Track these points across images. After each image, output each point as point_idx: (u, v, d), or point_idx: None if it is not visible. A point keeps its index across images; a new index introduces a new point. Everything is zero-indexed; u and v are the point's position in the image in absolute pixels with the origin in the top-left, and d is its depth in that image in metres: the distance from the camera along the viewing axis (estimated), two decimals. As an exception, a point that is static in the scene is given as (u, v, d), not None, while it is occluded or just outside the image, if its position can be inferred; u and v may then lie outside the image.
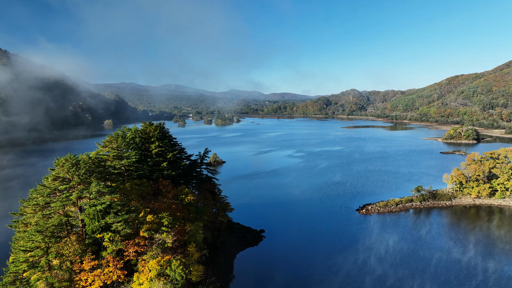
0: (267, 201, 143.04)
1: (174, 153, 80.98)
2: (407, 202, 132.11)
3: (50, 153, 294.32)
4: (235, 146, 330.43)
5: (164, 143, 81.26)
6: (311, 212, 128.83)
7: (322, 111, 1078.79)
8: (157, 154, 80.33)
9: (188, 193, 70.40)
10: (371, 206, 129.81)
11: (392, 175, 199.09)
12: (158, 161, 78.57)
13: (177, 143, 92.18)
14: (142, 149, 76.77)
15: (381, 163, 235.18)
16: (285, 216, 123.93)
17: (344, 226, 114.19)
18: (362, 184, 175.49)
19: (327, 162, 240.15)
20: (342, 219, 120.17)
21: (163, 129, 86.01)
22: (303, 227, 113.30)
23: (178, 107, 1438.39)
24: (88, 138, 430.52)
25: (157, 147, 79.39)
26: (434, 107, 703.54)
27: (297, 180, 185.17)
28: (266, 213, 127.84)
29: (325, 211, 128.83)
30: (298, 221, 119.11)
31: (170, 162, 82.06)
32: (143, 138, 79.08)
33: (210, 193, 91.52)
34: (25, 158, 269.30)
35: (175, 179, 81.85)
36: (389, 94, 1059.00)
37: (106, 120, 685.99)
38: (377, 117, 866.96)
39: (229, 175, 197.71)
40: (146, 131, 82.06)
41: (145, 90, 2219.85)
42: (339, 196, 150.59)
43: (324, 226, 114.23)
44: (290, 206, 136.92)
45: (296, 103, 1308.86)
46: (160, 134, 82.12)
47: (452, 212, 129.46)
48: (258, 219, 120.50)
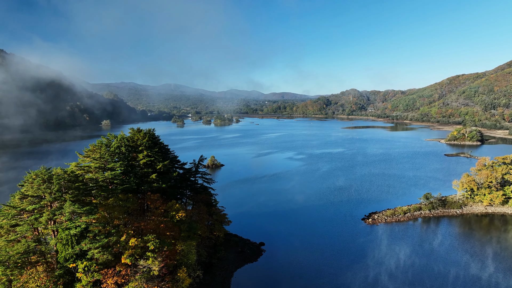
0: (267, 209, 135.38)
1: (165, 163, 73.18)
2: (415, 211, 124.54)
3: (46, 155, 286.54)
4: (234, 148, 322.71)
5: (154, 152, 73.51)
6: (314, 221, 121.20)
7: (322, 111, 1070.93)
8: (146, 164, 72.66)
9: (179, 210, 62.69)
10: (377, 215, 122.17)
11: (397, 179, 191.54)
12: (146, 172, 70.88)
13: (169, 151, 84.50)
14: (128, 159, 69.13)
15: (385, 166, 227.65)
16: (286, 226, 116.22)
17: (350, 237, 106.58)
18: (367, 189, 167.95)
19: (329, 165, 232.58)
20: (347, 230, 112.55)
21: (153, 136, 78.19)
22: (306, 238, 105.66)
23: (177, 107, 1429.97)
24: (84, 139, 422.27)
25: (145, 157, 71.70)
26: (435, 107, 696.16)
27: (298, 185, 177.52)
28: (266, 223, 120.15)
29: (329, 221, 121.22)
30: (300, 231, 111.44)
31: (160, 173, 74.43)
32: (130, 146, 71.44)
33: (205, 205, 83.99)
34: (20, 161, 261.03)
35: (166, 191, 74.21)
36: (390, 94, 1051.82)
37: (104, 121, 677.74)
38: (377, 117, 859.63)
39: (227, 179, 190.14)
40: (133, 138, 74.34)
41: (144, 90, 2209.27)
42: (343, 203, 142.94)
43: (328, 237, 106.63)
44: (292, 214, 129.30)
45: (296, 103, 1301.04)
46: (150, 142, 74.32)
47: (464, 221, 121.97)
48: (257, 230, 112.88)
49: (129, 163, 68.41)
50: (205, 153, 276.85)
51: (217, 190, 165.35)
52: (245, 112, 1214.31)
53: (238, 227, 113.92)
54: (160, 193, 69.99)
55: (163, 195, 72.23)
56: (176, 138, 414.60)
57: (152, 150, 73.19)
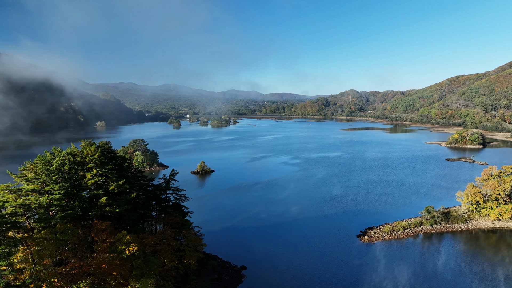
0: (254, 224, 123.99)
1: (119, 182, 62.05)
2: (416, 226, 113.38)
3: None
4: (228, 151, 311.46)
5: (107, 169, 62.53)
6: (305, 237, 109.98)
7: (321, 112, 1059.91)
8: (96, 185, 61.84)
9: (130, 242, 51.58)
10: (374, 231, 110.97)
11: (396, 186, 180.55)
12: (97, 194, 59.99)
13: (131, 165, 73.45)
14: (73, 179, 58.27)
15: (383, 172, 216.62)
16: (273, 244, 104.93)
17: (345, 259, 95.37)
18: (364, 198, 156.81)
19: (325, 170, 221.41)
20: (341, 249, 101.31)
21: (108, 150, 67.21)
22: (294, 260, 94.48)
23: (176, 108, 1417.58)
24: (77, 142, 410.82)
25: (95, 176, 60.84)
26: (435, 109, 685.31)
27: (291, 194, 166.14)
28: (251, 240, 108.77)
29: (322, 237, 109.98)
30: (288, 251, 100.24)
31: (114, 194, 63.49)
32: (76, 164, 60.66)
33: (175, 227, 73.03)
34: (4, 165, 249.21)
35: (122, 216, 63.29)
36: (389, 95, 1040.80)
37: (99, 122, 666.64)
38: (376, 118, 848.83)
39: (216, 188, 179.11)
40: (83, 153, 63.40)
41: (143, 90, 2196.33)
42: (337, 216, 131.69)
43: (320, 258, 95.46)
44: (280, 229, 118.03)
45: (295, 104, 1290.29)
46: (102, 158, 63.28)
47: (470, 238, 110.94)
48: (241, 249, 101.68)
49: (74, 184, 57.45)
50: (197, 157, 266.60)
51: (203, 199, 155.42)
52: (244, 113, 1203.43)
53: (219, 246, 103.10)
54: (114, 220, 59.28)
55: (119, 221, 61.42)
56: (170, 141, 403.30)
57: (104, 167, 62.14)
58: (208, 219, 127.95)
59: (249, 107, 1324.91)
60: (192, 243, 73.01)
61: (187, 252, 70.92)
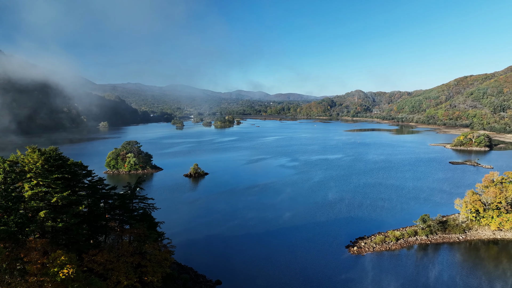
0: (238, 232, 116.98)
1: (63, 194, 55.97)
2: (410, 236, 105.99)
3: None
4: (226, 153, 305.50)
5: (51, 179, 56.61)
6: (289, 248, 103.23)
7: (326, 112, 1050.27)
8: (37, 197, 56.04)
9: (65, 263, 45.54)
10: (365, 241, 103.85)
11: (395, 191, 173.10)
12: (37, 207, 54.18)
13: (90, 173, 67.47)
14: (9, 191, 52.51)
15: (383, 175, 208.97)
16: (255, 255, 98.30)
17: (330, 272, 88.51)
18: (358, 204, 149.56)
19: (322, 174, 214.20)
20: (328, 261, 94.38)
21: (55, 158, 61.40)
22: (276, 273, 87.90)
23: (181, 108, 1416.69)
24: (75, 143, 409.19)
25: (35, 187, 55.15)
26: (442, 109, 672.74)
27: (283, 199, 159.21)
28: (231, 251, 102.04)
29: (308, 248, 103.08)
30: (270, 263, 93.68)
31: (58, 207, 57.55)
32: (15, 173, 55.03)
33: (139, 240, 67.07)
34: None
35: (68, 231, 57.35)
36: (396, 95, 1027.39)
37: (102, 122, 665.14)
38: (382, 119, 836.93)
39: (206, 192, 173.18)
40: (25, 161, 57.72)
41: (150, 90, 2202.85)
42: (328, 223, 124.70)
43: (304, 271, 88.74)
44: (266, 238, 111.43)
45: (300, 104, 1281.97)
46: (46, 166, 57.50)
47: (468, 250, 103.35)
48: (218, 261, 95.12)
49: (11, 196, 51.77)
50: (193, 159, 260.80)
51: (191, 205, 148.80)
52: (249, 113, 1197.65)
53: (197, 257, 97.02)
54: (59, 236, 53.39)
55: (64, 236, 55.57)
56: (169, 142, 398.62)
57: (48, 177, 56.36)
58: (192, 227, 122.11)
59: (254, 108, 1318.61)
60: (156, 258, 66.94)
61: (149, 268, 64.85)
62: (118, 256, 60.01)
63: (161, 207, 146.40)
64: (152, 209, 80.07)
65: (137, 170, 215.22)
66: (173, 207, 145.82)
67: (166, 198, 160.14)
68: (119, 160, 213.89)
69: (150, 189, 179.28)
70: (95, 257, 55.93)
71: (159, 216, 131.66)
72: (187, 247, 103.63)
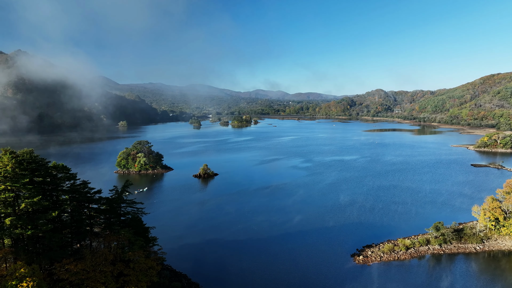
0: (239, 237, 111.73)
1: (34, 200, 52.58)
2: (421, 245, 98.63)
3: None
4: (239, 153, 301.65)
5: (22, 184, 53.48)
6: (291, 255, 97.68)
7: (346, 112, 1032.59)
8: (6, 202, 52.87)
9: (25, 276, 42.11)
10: (372, 250, 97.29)
11: (411, 194, 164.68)
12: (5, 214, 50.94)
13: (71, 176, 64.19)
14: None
15: (399, 178, 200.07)
16: (255, 263, 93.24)
17: (331, 283, 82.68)
18: (370, 208, 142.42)
19: (335, 176, 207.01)
20: (330, 271, 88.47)
21: (30, 160, 58.31)
22: (274, 283, 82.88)
23: (200, 107, 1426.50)
24: (93, 142, 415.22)
25: (2, 192, 51.97)
26: (466, 109, 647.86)
27: (290, 202, 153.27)
28: (231, 257, 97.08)
29: (311, 256, 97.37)
30: (269, 271, 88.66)
31: (29, 214, 54.30)
32: (-18, 176, 52.21)
33: (124, 247, 63.53)
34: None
35: (41, 239, 54.13)
36: (418, 95, 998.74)
37: (121, 122, 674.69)
38: (403, 119, 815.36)
39: (213, 193, 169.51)
40: (-4, 164, 54.79)
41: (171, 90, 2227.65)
42: (336, 229, 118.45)
43: (305, 281, 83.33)
44: (267, 244, 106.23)
45: (319, 104, 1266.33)
46: (17, 169, 54.38)
47: (487, 261, 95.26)
48: (215, 268, 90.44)
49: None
50: (205, 159, 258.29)
51: (196, 207, 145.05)
52: (267, 113, 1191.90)
53: (193, 262, 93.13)
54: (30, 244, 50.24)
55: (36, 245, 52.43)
56: (184, 141, 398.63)
57: (18, 181, 53.30)
58: (193, 230, 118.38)
59: (273, 107, 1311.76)
60: (140, 266, 63.24)
61: (132, 277, 61.20)
62: (95, 265, 56.52)
63: (166, 209, 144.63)
64: (141, 214, 76.39)
65: (147, 170, 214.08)
66: (177, 209, 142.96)
67: (173, 199, 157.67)
68: (129, 160, 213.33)
69: (158, 190, 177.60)
70: (69, 266, 52.66)
71: (163, 218, 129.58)
72: (185, 252, 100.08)
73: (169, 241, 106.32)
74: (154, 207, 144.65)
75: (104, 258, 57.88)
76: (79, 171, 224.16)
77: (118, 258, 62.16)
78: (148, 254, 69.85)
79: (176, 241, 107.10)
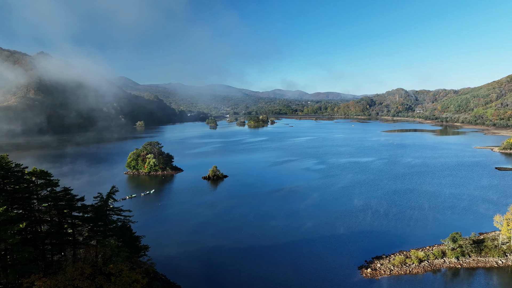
0: (240, 245, 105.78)
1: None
2: (436, 258, 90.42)
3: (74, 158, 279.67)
4: (252, 154, 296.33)
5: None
6: (295, 266, 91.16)
7: (365, 112, 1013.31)
8: None
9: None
10: (381, 262, 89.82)
11: (428, 198, 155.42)
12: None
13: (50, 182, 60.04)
14: None
15: (417, 181, 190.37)
16: (254, 274, 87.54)
17: (334, 298, 76.30)
18: (384, 213, 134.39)
19: (349, 178, 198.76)
20: (334, 285, 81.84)
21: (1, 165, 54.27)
22: (272, 296, 77.05)
23: (218, 108, 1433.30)
24: (111, 142, 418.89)
25: None
26: (492, 108, 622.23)
27: (299, 207, 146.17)
28: (230, 266, 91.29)
29: (315, 266, 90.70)
30: (269, 283, 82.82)
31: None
32: None
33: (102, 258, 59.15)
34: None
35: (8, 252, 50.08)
36: (440, 94, 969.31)
37: (138, 122, 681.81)
38: (425, 118, 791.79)
39: (221, 196, 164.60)
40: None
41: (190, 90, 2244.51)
42: (344, 237, 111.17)
43: (303, 296, 77.15)
44: (270, 253, 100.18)
45: (338, 103, 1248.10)
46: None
47: (510, 277, 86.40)
48: (211, 278, 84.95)
49: None
50: (217, 160, 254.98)
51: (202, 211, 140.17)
52: (284, 113, 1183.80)
53: (189, 272, 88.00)
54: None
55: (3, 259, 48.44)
56: (199, 142, 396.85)
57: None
58: (193, 237, 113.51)
59: (290, 107, 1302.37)
60: (123, 280, 58.67)
61: (113, 292, 56.72)
62: (70, 280, 52.18)
63: (170, 212, 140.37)
64: (128, 222, 71.88)
65: (157, 171, 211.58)
66: (181, 213, 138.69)
67: (178, 202, 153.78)
68: (139, 161, 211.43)
69: (164, 192, 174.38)
70: (38, 282, 48.57)
71: (165, 223, 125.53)
72: (183, 260, 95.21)
73: (166, 247, 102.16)
74: (158, 211, 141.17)
75: (80, 273, 53.53)
76: (93, 171, 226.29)
77: (98, 271, 57.76)
78: (133, 266, 65.24)
79: (173, 248, 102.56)
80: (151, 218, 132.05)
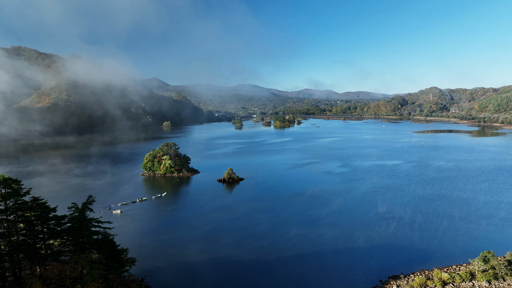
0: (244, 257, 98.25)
1: None
2: (463, 281, 78.38)
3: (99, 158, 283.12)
4: (272, 155, 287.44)
5: None
6: (300, 284, 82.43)
7: (396, 111, 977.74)
8: None
9: None
10: (398, 283, 78.92)
11: (460, 206, 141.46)
12: None
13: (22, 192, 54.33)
14: None
15: (448, 186, 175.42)
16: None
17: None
18: (408, 222, 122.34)
19: (372, 183, 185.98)
20: (343, 307, 72.40)
21: None
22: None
23: (246, 108, 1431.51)
24: (137, 142, 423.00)
25: None
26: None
27: (320, 213, 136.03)
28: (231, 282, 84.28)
29: (323, 284, 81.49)
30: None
31: None
32: None
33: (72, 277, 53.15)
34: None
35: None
36: (478, 92, 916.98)
37: (165, 122, 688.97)
38: (460, 119, 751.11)
39: (233, 200, 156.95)
40: None
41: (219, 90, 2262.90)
42: (362, 250, 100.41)
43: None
44: (274, 267, 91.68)
45: (368, 103, 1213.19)
46: None
47: (552, 306, 73.46)
48: None
49: None
50: (236, 162, 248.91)
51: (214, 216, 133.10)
52: (312, 113, 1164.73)
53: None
54: None
55: None
56: (222, 142, 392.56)
57: None
58: (193, 245, 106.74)
59: (319, 107, 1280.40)
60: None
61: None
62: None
63: (176, 218, 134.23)
64: (109, 235, 65.52)
65: (173, 173, 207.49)
66: (188, 219, 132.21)
67: (187, 207, 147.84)
68: (155, 163, 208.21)
69: (176, 195, 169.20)
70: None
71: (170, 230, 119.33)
72: (183, 274, 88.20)
73: (165, 257, 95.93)
74: (166, 214, 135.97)
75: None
76: (115, 171, 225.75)
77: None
78: (111, 284, 58.81)
79: (171, 258, 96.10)
80: (159, 223, 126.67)
